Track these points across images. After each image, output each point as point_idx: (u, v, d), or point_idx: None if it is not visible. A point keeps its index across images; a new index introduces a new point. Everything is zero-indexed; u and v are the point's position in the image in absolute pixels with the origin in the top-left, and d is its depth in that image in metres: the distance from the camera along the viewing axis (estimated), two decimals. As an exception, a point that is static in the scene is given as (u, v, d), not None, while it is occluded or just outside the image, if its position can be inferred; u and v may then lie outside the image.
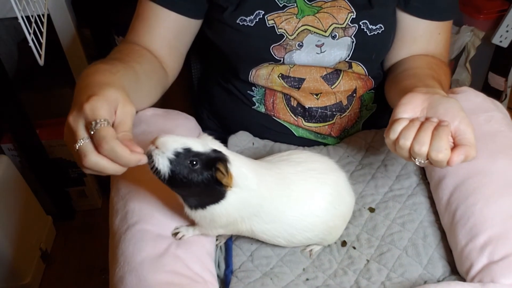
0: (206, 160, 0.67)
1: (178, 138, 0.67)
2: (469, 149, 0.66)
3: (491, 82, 1.75)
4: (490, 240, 0.73)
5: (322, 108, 0.96)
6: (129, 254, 0.72)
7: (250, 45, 0.90)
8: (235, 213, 0.72)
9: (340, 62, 0.91)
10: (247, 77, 0.95)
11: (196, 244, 0.77)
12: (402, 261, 0.79)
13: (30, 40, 0.99)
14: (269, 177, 0.74)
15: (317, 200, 0.77)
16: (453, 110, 0.69)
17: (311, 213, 0.76)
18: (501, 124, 0.86)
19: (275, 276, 0.79)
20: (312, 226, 0.77)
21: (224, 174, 0.67)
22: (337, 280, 0.78)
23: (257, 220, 0.74)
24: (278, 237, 0.77)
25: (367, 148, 0.97)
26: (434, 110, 0.70)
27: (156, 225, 0.76)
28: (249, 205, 0.72)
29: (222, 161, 0.67)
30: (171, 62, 0.95)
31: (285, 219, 0.75)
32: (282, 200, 0.75)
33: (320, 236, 0.79)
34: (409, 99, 0.72)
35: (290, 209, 0.75)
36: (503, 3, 1.62)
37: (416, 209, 0.86)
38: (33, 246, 1.56)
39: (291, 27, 0.88)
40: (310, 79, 0.94)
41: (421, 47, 0.96)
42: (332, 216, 0.78)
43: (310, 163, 0.79)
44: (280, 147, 0.99)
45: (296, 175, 0.77)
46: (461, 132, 0.68)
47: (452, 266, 0.79)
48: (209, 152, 0.68)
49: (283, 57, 0.90)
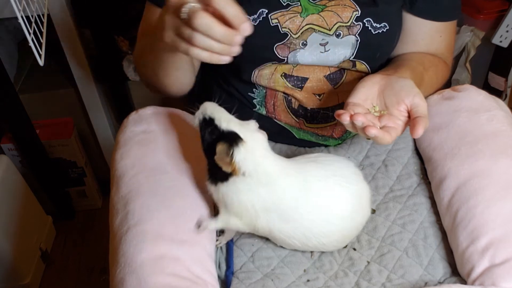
0: (217, 136, 0.70)
1: (214, 108, 0.73)
2: (425, 120, 0.71)
3: (491, 82, 1.75)
4: (491, 243, 0.73)
5: (324, 109, 0.96)
6: (129, 256, 0.72)
7: (253, 44, 0.89)
8: (247, 203, 0.72)
9: (344, 61, 0.91)
10: (250, 78, 0.95)
11: (197, 245, 0.77)
12: (403, 262, 0.79)
13: (30, 40, 0.99)
14: (292, 177, 0.74)
15: (337, 208, 0.77)
16: (408, 87, 0.75)
17: (329, 220, 0.76)
18: (503, 123, 0.86)
19: (276, 277, 0.79)
20: (328, 233, 0.77)
21: (221, 156, 0.69)
22: (337, 282, 0.78)
23: (274, 217, 0.74)
24: (293, 239, 0.77)
25: (368, 149, 0.97)
26: (390, 88, 0.76)
27: (157, 226, 0.75)
28: (263, 199, 0.72)
29: (226, 143, 0.69)
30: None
31: (303, 222, 0.75)
32: (301, 202, 0.74)
33: (334, 244, 0.80)
34: (366, 81, 0.79)
35: (309, 213, 0.75)
36: (503, 3, 1.62)
37: (416, 210, 0.86)
38: (33, 246, 1.56)
39: (295, 26, 0.88)
40: (313, 79, 0.93)
41: (423, 48, 0.96)
42: (349, 226, 0.78)
43: (338, 169, 0.78)
44: (280, 147, 0.99)
45: (320, 180, 0.76)
46: (416, 105, 0.73)
47: (453, 267, 0.79)
48: (226, 131, 0.70)
49: (286, 57, 0.90)
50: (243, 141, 0.69)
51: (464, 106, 0.90)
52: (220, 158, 0.69)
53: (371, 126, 0.69)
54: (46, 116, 1.65)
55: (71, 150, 1.64)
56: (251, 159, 0.69)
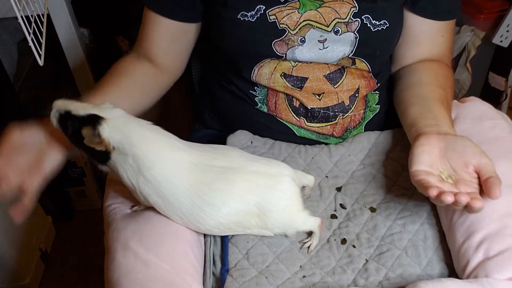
0: (79, 123, 0.73)
1: (66, 102, 0.76)
2: (498, 179, 0.72)
3: (491, 82, 1.75)
4: (486, 237, 0.73)
5: (324, 108, 0.96)
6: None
7: (251, 40, 0.90)
8: (124, 176, 0.76)
9: (343, 58, 0.91)
10: (250, 75, 0.95)
11: (175, 239, 0.78)
12: (402, 261, 0.79)
13: (30, 40, 0.99)
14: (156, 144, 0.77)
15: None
16: (471, 148, 0.76)
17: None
18: (505, 131, 0.88)
19: (270, 274, 0.78)
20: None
21: (90, 138, 0.72)
22: (335, 278, 0.78)
23: (148, 189, 0.76)
24: (175, 215, 0.79)
25: (369, 148, 0.97)
26: (452, 150, 0.77)
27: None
28: (132, 169, 0.75)
29: (89, 125, 0.72)
30: (167, 64, 0.99)
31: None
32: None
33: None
34: (424, 145, 0.78)
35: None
36: (503, 3, 1.62)
37: (417, 211, 0.85)
38: (33, 246, 1.56)
39: (293, 22, 0.88)
40: (313, 78, 0.93)
41: (425, 49, 0.97)
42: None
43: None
44: (280, 145, 0.99)
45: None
46: (484, 165, 0.74)
47: (450, 269, 0.79)
48: (86, 116, 0.73)
49: (285, 53, 0.90)
50: (104, 119, 0.73)
51: (468, 114, 0.92)
52: (89, 141, 0.73)
53: (475, 199, 0.69)
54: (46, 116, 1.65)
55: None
56: (116, 132, 0.73)
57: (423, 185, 0.73)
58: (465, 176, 0.75)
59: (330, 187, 0.92)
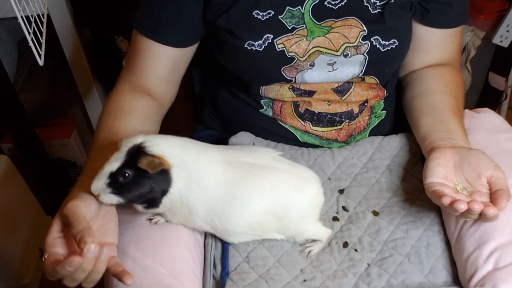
0: (130, 165, 0.69)
1: (98, 177, 0.71)
2: (508, 192, 0.72)
3: (491, 82, 1.74)
4: (497, 248, 0.73)
5: (332, 114, 0.95)
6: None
7: (260, 67, 0.88)
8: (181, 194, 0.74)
9: (353, 78, 0.91)
10: (258, 92, 0.95)
11: (172, 243, 0.77)
12: (404, 267, 0.78)
13: (30, 40, 0.99)
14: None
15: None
16: (485, 161, 0.76)
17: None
18: None
19: (270, 278, 0.78)
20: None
21: (151, 164, 0.69)
22: (336, 282, 0.78)
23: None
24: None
25: (372, 152, 0.96)
26: (466, 163, 0.77)
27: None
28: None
29: (143, 155, 0.69)
30: (167, 94, 0.96)
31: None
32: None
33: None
34: (439, 158, 0.79)
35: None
36: (503, 3, 1.61)
37: (420, 217, 0.85)
38: (33, 246, 1.56)
39: (302, 50, 0.86)
40: (321, 91, 0.93)
41: (435, 56, 0.96)
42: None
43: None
44: (283, 147, 0.98)
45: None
46: (497, 178, 0.74)
47: (453, 277, 0.78)
48: (125, 159, 0.70)
49: (294, 77, 0.89)
50: (141, 143, 0.70)
51: (482, 125, 0.92)
52: (152, 166, 0.69)
53: (489, 206, 0.69)
54: (46, 116, 1.65)
55: (71, 150, 1.64)
56: (162, 147, 0.71)
57: (437, 195, 0.73)
58: (480, 188, 0.75)
59: (332, 189, 0.91)
